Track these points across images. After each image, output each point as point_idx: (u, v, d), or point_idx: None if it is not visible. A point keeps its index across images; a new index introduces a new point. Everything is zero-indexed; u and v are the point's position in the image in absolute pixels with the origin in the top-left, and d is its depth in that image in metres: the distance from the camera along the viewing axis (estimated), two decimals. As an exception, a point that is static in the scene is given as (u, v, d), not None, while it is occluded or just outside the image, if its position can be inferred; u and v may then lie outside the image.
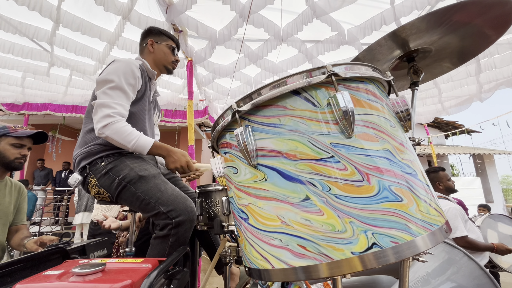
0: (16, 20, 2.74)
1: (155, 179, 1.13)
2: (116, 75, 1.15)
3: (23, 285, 0.65)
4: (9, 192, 1.54)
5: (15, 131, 1.47)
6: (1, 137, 1.44)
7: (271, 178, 0.46)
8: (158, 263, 0.86)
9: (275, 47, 2.97)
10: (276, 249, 0.44)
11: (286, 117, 0.47)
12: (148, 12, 2.75)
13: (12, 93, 4.49)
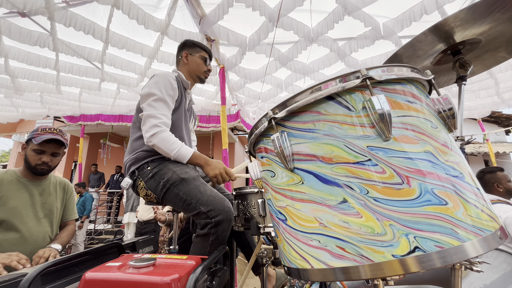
0: (74, 43, 3.15)
1: (195, 181, 1.22)
2: (157, 88, 1.27)
3: (92, 274, 0.76)
4: (54, 190, 1.58)
5: (38, 136, 1.44)
6: (29, 141, 1.46)
7: (307, 181, 0.48)
8: (201, 261, 0.92)
9: (305, 48, 2.95)
10: (315, 249, 0.45)
11: (320, 122, 0.48)
12: (183, 25, 2.94)
13: (71, 107, 5.13)
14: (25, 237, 1.35)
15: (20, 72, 3.55)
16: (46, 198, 1.51)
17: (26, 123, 8.94)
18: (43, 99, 4.48)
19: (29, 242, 1.36)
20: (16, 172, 1.46)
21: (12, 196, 1.37)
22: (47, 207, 1.49)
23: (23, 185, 1.43)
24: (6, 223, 1.31)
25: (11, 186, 1.39)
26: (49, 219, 1.50)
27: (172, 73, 1.44)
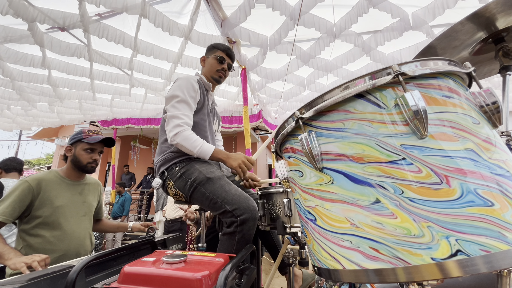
0: (106, 52, 3.37)
1: (220, 180, 1.25)
2: (180, 90, 1.33)
3: (130, 267, 0.81)
4: (92, 190, 1.69)
5: (88, 137, 1.57)
6: (76, 142, 1.56)
7: (337, 181, 0.47)
8: (229, 258, 0.95)
9: (328, 44, 2.88)
10: (347, 250, 0.45)
11: (350, 121, 0.47)
12: (206, 29, 3.02)
13: (104, 112, 5.49)
14: (70, 234, 1.46)
15: (60, 82, 3.89)
16: (85, 197, 1.62)
17: (66, 128, 9.76)
18: (80, 105, 4.86)
19: (73, 238, 1.47)
20: (58, 172, 1.57)
21: (57, 196, 1.47)
22: (86, 205, 1.61)
23: (66, 185, 1.54)
24: (53, 221, 1.43)
25: (55, 186, 1.49)
26: (88, 216, 1.62)
27: (195, 76, 1.50)
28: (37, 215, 1.39)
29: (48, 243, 1.39)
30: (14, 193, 1.36)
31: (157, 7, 2.62)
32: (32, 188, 1.39)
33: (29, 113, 5.23)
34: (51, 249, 1.38)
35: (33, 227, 1.39)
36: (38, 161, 23.91)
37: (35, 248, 1.36)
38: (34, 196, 1.39)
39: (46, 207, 1.41)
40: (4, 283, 0.85)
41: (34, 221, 1.39)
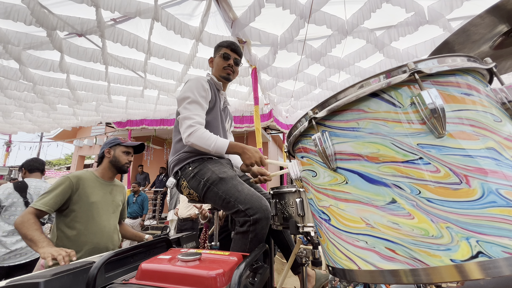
0: (121, 56, 3.47)
1: (233, 180, 1.26)
2: (190, 91, 1.35)
3: (147, 264, 0.84)
4: (118, 192, 1.85)
5: (124, 142, 1.83)
6: (115, 146, 1.79)
7: (352, 181, 0.47)
8: (242, 257, 0.96)
9: (339, 42, 2.84)
10: (362, 250, 0.44)
11: (365, 120, 0.47)
12: (216, 30, 3.05)
13: (119, 114, 5.66)
14: (101, 228, 1.61)
15: (78, 85, 4.04)
16: (114, 197, 1.79)
17: (83, 130, 10.14)
18: (97, 107, 5.03)
19: (104, 233, 1.62)
20: (93, 172, 1.74)
21: (92, 193, 1.64)
22: (115, 204, 1.78)
23: (99, 184, 1.71)
24: (88, 215, 1.58)
25: (91, 184, 1.66)
26: (116, 214, 1.79)
27: (205, 76, 1.52)
28: (74, 208, 1.55)
29: (82, 235, 1.53)
30: (57, 188, 1.52)
31: (169, 10, 2.67)
32: (73, 184, 1.56)
33: (50, 116, 5.48)
34: (84, 241, 1.52)
35: (70, 220, 1.54)
36: (58, 162, 25.01)
37: (71, 239, 1.51)
38: (73, 191, 1.56)
39: (82, 202, 1.57)
40: (31, 277, 0.90)
41: (71, 214, 1.55)
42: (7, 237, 2.20)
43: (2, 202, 2.22)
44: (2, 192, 2.26)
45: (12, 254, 2.21)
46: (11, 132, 6.55)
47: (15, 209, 2.27)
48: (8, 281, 0.91)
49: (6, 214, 2.23)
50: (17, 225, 1.40)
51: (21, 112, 5.14)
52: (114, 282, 0.84)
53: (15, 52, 3.03)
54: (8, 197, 2.25)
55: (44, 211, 1.45)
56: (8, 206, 2.24)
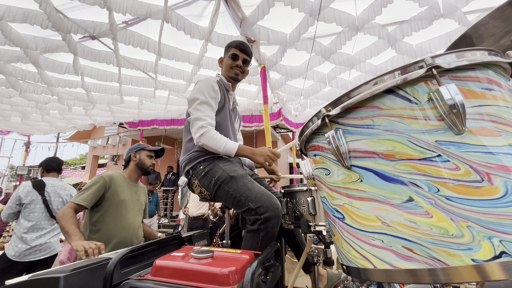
0: (132, 58, 3.54)
1: (243, 178, 1.26)
2: (200, 92, 1.36)
3: (161, 261, 0.86)
4: (141, 193, 2.02)
5: (148, 146, 2.03)
6: (140, 150, 1.99)
7: (367, 179, 0.46)
8: (254, 255, 0.96)
9: (350, 39, 2.79)
10: (378, 249, 0.44)
11: (380, 117, 0.46)
12: (225, 30, 3.06)
13: (131, 114, 5.79)
14: (128, 224, 1.77)
15: (92, 87, 4.15)
16: (138, 196, 1.96)
17: (97, 130, 10.43)
18: (110, 108, 5.16)
19: (130, 229, 1.78)
20: (122, 174, 1.93)
21: (122, 191, 1.80)
22: (139, 203, 1.95)
23: (127, 184, 1.89)
24: (117, 212, 1.73)
25: (120, 184, 1.83)
26: (140, 212, 1.95)
27: (215, 77, 1.53)
28: (106, 205, 1.71)
29: (112, 230, 1.68)
30: (93, 185, 1.70)
31: (179, 11, 2.70)
32: (106, 182, 1.74)
33: (65, 117, 5.66)
34: (113, 235, 1.67)
35: (101, 215, 1.69)
36: (73, 161, 25.87)
37: (102, 233, 1.66)
38: (106, 189, 1.73)
39: (113, 199, 1.74)
40: (51, 272, 0.93)
41: (103, 209, 1.70)
42: (27, 234, 2.30)
43: (22, 199, 2.32)
44: (22, 190, 2.35)
45: (32, 250, 2.30)
46: (29, 133, 6.82)
47: (34, 207, 2.36)
48: (30, 276, 0.95)
49: (26, 212, 2.33)
50: (58, 217, 1.57)
51: (39, 113, 5.33)
52: (130, 277, 0.86)
53: (33, 56, 3.15)
54: (28, 195, 2.35)
55: (83, 206, 1.62)
56: (28, 204, 2.33)
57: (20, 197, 2.33)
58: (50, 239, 2.43)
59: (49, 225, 2.43)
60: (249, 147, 1.33)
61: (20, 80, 3.74)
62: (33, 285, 0.90)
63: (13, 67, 3.54)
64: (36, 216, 2.35)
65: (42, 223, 2.38)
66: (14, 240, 2.29)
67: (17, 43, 2.84)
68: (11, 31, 2.73)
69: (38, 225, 2.34)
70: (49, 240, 2.41)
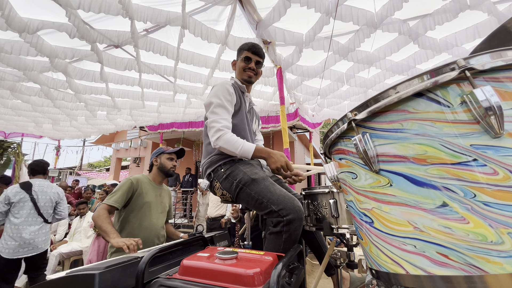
0: (153, 63, 3.68)
1: (264, 181, 1.27)
2: (216, 96, 1.39)
3: (188, 261, 0.89)
4: (166, 195, 2.12)
5: (167, 149, 2.09)
6: (161, 154, 2.07)
7: (397, 183, 0.46)
8: (277, 257, 0.97)
9: (368, 36, 2.72)
10: (410, 254, 0.43)
11: (409, 121, 0.45)
12: (241, 33, 3.10)
13: (152, 118, 6.00)
14: (151, 225, 1.86)
15: (116, 92, 4.36)
16: (162, 199, 2.04)
17: (119, 134, 10.91)
18: (132, 112, 5.39)
19: (153, 229, 1.86)
20: (147, 176, 2.02)
21: (147, 193, 1.89)
22: (163, 205, 2.04)
23: (152, 186, 1.98)
24: (142, 212, 1.84)
25: (146, 186, 1.92)
26: (163, 214, 2.03)
27: (230, 80, 1.56)
28: (132, 206, 1.81)
29: (136, 229, 1.78)
30: (122, 188, 1.80)
31: (196, 17, 2.78)
32: (134, 185, 1.84)
33: (90, 122, 5.98)
34: (137, 234, 1.76)
35: (128, 215, 1.81)
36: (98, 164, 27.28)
37: (127, 232, 1.78)
38: (134, 191, 1.83)
39: (139, 200, 1.84)
40: (87, 269, 1.00)
41: (129, 210, 1.81)
42: (17, 230, 2.51)
43: (11, 199, 2.54)
44: (10, 191, 2.58)
45: (22, 247, 2.50)
46: (59, 138, 7.28)
47: (23, 205, 2.58)
48: (68, 272, 1.02)
49: (15, 210, 2.55)
50: (94, 218, 1.68)
51: (68, 119, 5.68)
52: (159, 276, 0.90)
53: (63, 65, 3.37)
54: (16, 194, 2.57)
55: (115, 207, 1.74)
56: (16, 203, 2.55)
57: (9, 197, 2.54)
58: (38, 236, 2.63)
59: (37, 223, 2.64)
60: (267, 149, 1.32)
61: (51, 88, 4.00)
62: (71, 280, 0.96)
63: (45, 76, 3.80)
64: (24, 213, 2.57)
65: (30, 220, 2.59)
66: (5, 238, 2.49)
67: (48, 54, 3.05)
68: (43, 43, 2.94)
69: (26, 222, 2.56)
70: (37, 237, 2.62)
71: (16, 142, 6.76)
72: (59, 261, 3.59)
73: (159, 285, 0.85)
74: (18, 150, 7.22)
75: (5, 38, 2.89)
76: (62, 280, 0.98)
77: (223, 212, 4.55)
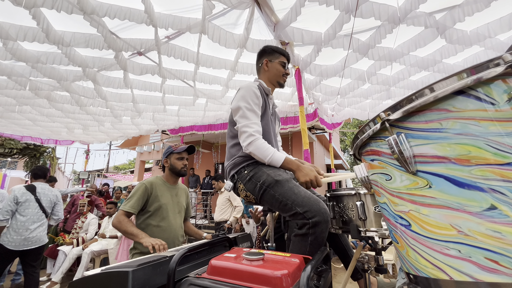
0: (174, 68, 3.81)
1: (288, 182, 1.27)
2: (244, 100, 1.39)
3: (216, 261, 0.91)
4: (182, 194, 2.09)
5: (176, 148, 2.01)
6: (170, 154, 2.01)
7: (437, 185, 0.44)
8: (303, 259, 0.96)
9: (390, 31, 2.62)
10: (454, 259, 0.41)
11: (450, 120, 0.43)
12: (259, 35, 3.12)
13: (173, 122, 6.20)
14: (170, 226, 1.88)
15: (139, 98, 4.56)
16: (178, 198, 2.02)
17: (143, 137, 11.39)
18: (154, 117, 5.60)
19: (171, 230, 1.87)
20: (161, 178, 1.99)
21: (162, 195, 1.88)
22: (179, 205, 2.03)
23: (166, 187, 1.96)
24: (159, 214, 1.85)
25: (160, 188, 1.91)
26: (181, 214, 2.02)
27: (254, 82, 1.55)
28: (149, 209, 1.82)
29: (155, 232, 1.79)
30: (137, 193, 1.81)
31: (215, 22, 2.84)
32: (148, 188, 1.83)
33: (116, 127, 6.29)
34: (156, 237, 1.75)
35: (146, 218, 1.83)
36: (123, 166, 28.67)
37: None
38: (149, 195, 1.83)
39: (155, 203, 1.85)
40: (121, 266, 1.05)
41: (147, 214, 1.84)
42: (23, 227, 2.82)
43: (18, 199, 2.88)
44: (18, 192, 2.92)
45: (26, 241, 2.82)
46: (89, 142, 7.74)
47: (28, 204, 2.92)
48: (103, 268, 1.09)
49: (22, 208, 2.87)
50: (115, 225, 1.72)
51: (96, 125, 6.02)
52: (188, 275, 0.93)
53: (92, 74, 3.58)
54: (23, 195, 2.92)
55: (132, 212, 1.76)
56: (23, 202, 2.88)
57: (17, 197, 2.88)
58: (40, 232, 2.98)
59: (40, 220, 3.00)
60: (296, 161, 1.30)
61: (82, 96, 4.27)
62: (107, 277, 1.02)
63: (76, 85, 4.06)
64: (30, 212, 2.91)
65: (34, 217, 2.94)
66: (10, 233, 2.81)
67: (79, 64, 3.26)
68: (75, 53, 3.15)
69: (31, 219, 2.90)
70: (39, 233, 2.96)
71: (51, 147, 7.27)
72: (91, 258, 3.81)
73: (189, 284, 0.87)
74: (53, 154, 7.75)
75: (42, 50, 3.13)
76: (98, 276, 1.04)
77: (227, 217, 4.54)
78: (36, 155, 9.56)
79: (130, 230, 1.68)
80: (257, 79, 1.64)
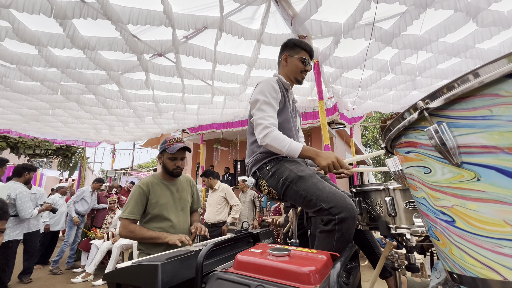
0: (192, 68, 3.87)
1: (312, 178, 1.24)
2: (262, 94, 1.38)
3: (242, 256, 0.92)
4: (185, 187, 1.92)
5: (169, 146, 1.77)
6: (162, 152, 1.81)
7: (487, 177, 0.40)
8: (330, 256, 0.94)
9: (417, 17, 2.47)
10: (510, 259, 0.38)
11: (501, 106, 0.39)
12: (276, 29, 3.07)
13: (192, 120, 6.33)
14: (174, 225, 1.77)
15: (160, 98, 4.70)
16: (181, 194, 1.87)
17: (164, 136, 11.76)
18: (174, 116, 5.75)
19: (176, 228, 1.76)
20: (158, 176, 1.85)
21: (161, 195, 1.76)
22: (182, 201, 1.87)
23: (164, 186, 1.81)
24: (160, 216, 1.75)
25: (158, 187, 1.78)
26: (185, 211, 1.88)
27: (273, 77, 1.53)
28: (150, 211, 1.73)
29: None
30: (133, 197, 1.70)
31: (232, 18, 2.83)
32: (144, 191, 1.71)
33: (139, 126, 6.55)
34: None
35: (148, 221, 1.74)
36: (146, 165, 30.06)
37: None
38: (147, 197, 1.72)
39: (154, 204, 1.74)
40: (150, 260, 1.09)
41: (148, 216, 1.74)
42: None
43: None
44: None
45: None
46: (115, 141, 8.13)
47: None
48: (133, 261, 1.14)
49: None
50: (127, 236, 1.63)
51: (121, 125, 6.31)
52: (215, 270, 0.95)
53: (116, 77, 3.74)
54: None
55: (133, 219, 1.65)
56: None
57: None
58: None
59: None
60: (314, 148, 1.27)
61: (107, 98, 4.48)
62: (138, 269, 1.06)
63: (102, 88, 4.27)
64: None
65: None
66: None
67: (104, 67, 3.41)
68: (100, 58, 3.30)
69: None
70: None
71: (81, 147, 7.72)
72: (120, 251, 4.03)
73: (216, 278, 0.89)
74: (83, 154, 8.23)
75: (70, 55, 3.32)
76: (130, 268, 1.08)
77: (224, 218, 4.20)
78: (68, 155, 10.25)
79: (149, 234, 1.61)
80: (276, 74, 1.62)
